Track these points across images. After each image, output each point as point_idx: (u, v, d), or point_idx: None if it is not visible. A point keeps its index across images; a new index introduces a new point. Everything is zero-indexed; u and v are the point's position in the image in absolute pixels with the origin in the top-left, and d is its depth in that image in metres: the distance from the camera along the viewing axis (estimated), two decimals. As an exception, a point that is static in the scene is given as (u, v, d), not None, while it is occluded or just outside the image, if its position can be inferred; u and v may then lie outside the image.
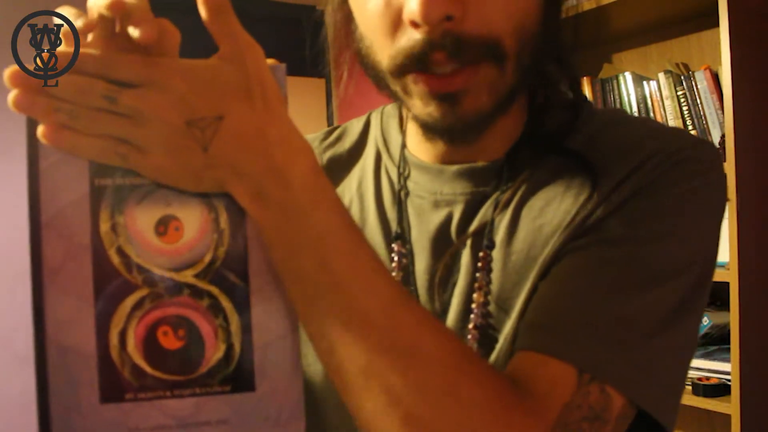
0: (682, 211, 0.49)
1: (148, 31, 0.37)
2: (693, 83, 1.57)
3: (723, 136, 1.45)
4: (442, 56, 0.44)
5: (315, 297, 0.40)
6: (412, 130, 0.58)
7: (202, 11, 0.38)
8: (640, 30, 1.77)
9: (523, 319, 0.48)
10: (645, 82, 1.70)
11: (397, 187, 0.58)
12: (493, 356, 0.51)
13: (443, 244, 0.54)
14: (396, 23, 0.45)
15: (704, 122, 1.54)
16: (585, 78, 1.84)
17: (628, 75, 1.73)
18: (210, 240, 0.43)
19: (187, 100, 0.37)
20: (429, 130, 0.51)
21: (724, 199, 0.53)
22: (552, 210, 0.51)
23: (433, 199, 0.56)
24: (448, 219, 0.55)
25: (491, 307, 0.52)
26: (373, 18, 0.46)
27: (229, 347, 0.43)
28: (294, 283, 0.40)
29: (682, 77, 1.59)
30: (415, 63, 0.45)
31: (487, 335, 0.52)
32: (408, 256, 0.56)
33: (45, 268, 0.42)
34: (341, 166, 0.63)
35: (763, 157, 1.42)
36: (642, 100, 1.70)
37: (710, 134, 1.53)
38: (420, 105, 0.48)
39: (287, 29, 2.99)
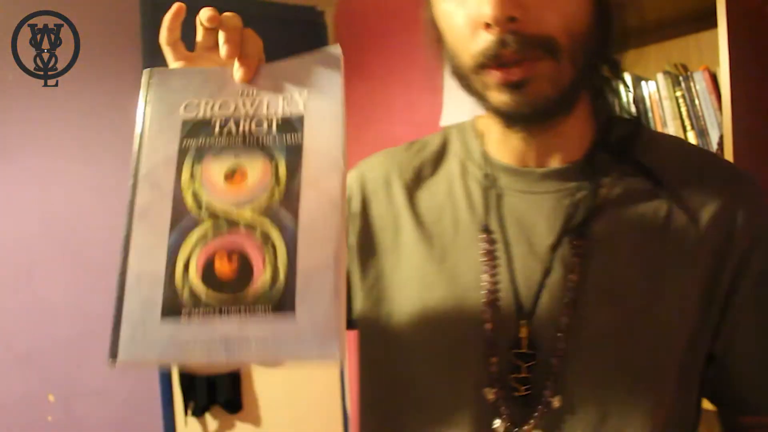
0: None
1: (245, 73, 0.52)
2: (691, 84, 1.57)
3: (721, 137, 1.45)
4: (509, 52, 0.55)
5: None
6: (491, 137, 0.68)
7: None
8: (639, 31, 1.78)
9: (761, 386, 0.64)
10: (643, 83, 1.70)
11: (483, 186, 0.67)
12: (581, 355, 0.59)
13: (535, 240, 0.63)
14: (474, 30, 0.57)
15: (703, 123, 1.55)
16: (584, 78, 1.84)
17: (626, 75, 1.73)
18: (269, 183, 0.50)
19: None
20: (506, 117, 0.60)
21: None
22: (646, 254, 0.61)
23: (520, 197, 0.65)
24: (538, 215, 0.63)
25: (581, 308, 0.60)
26: (458, 29, 0.58)
27: (275, 273, 0.48)
28: None
29: (681, 78, 1.59)
30: (490, 59, 0.56)
31: (574, 332, 0.59)
32: (500, 249, 0.64)
33: (135, 210, 0.51)
34: (428, 169, 0.73)
35: (762, 157, 1.43)
36: (641, 101, 1.70)
37: (708, 135, 1.53)
38: (496, 95, 0.58)
39: (288, 30, 2.99)
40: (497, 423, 0.60)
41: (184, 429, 2.70)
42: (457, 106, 1.93)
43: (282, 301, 0.47)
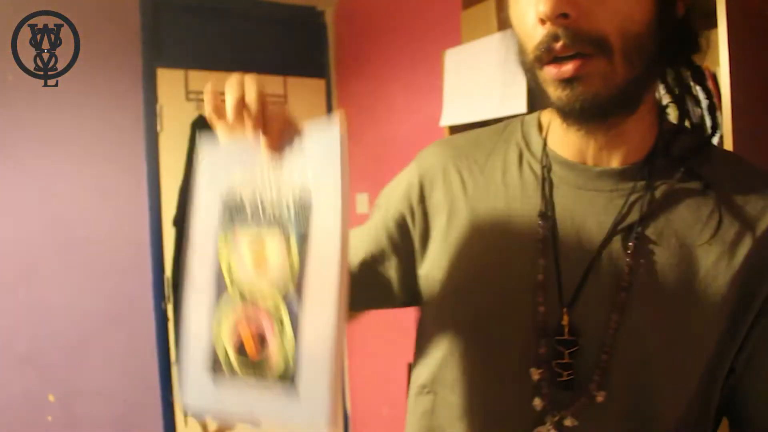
0: None
1: (269, 149, 0.60)
2: (692, 84, 1.57)
3: (721, 137, 1.45)
4: (561, 45, 0.58)
5: None
6: (553, 131, 0.71)
7: None
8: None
9: None
10: (644, 83, 1.70)
11: (540, 176, 0.70)
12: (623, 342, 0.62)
13: (584, 235, 0.65)
14: (534, 27, 0.60)
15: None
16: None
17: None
18: (285, 270, 0.58)
19: None
20: (561, 112, 0.63)
21: None
22: (700, 261, 0.63)
23: (574, 191, 0.67)
24: (589, 212, 0.66)
25: (628, 307, 0.62)
26: (524, 27, 0.62)
27: (286, 356, 0.57)
28: None
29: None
30: (545, 53, 0.60)
31: (621, 330, 0.62)
32: (548, 238, 0.66)
33: (189, 279, 0.63)
34: (485, 156, 0.75)
35: (762, 157, 1.43)
36: (641, 101, 1.70)
37: (709, 135, 1.53)
38: (553, 90, 0.62)
39: (288, 30, 3.00)
40: (537, 401, 0.64)
41: (184, 429, 2.70)
42: (457, 106, 1.93)
43: (289, 382, 0.57)
